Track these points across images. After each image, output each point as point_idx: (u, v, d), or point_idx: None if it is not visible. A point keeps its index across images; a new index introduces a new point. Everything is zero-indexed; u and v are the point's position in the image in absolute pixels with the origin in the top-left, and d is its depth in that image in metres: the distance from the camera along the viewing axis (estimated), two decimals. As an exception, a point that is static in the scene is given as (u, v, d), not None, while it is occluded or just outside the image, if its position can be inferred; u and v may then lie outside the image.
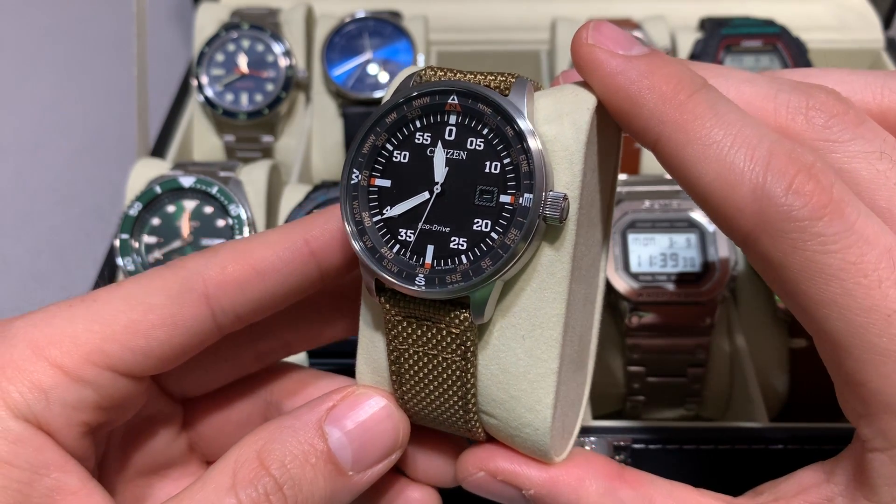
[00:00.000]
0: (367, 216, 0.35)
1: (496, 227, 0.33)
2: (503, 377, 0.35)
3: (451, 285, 0.33)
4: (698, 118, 0.31)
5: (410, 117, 0.34)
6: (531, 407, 0.35)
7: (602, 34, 0.33)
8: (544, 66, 0.92)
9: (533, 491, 0.36)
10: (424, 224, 0.34)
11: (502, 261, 0.32)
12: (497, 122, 0.33)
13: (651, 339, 0.64)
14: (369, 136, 0.35)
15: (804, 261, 0.30)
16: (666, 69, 0.32)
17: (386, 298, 0.35)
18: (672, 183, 0.69)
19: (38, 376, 0.33)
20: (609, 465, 0.36)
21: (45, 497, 0.32)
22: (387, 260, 0.34)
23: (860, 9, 0.96)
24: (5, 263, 0.93)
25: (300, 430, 0.34)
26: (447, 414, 0.36)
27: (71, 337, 0.34)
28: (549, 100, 0.34)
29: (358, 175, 0.35)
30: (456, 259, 0.33)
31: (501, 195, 0.33)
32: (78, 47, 1.19)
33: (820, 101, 0.33)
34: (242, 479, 0.33)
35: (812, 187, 0.30)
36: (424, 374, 0.35)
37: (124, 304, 0.35)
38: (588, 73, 0.34)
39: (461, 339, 0.34)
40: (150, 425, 0.41)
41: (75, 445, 0.34)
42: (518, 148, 0.33)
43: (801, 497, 0.33)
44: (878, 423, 0.30)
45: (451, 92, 0.34)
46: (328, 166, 0.88)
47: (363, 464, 0.35)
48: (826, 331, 0.30)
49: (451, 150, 0.34)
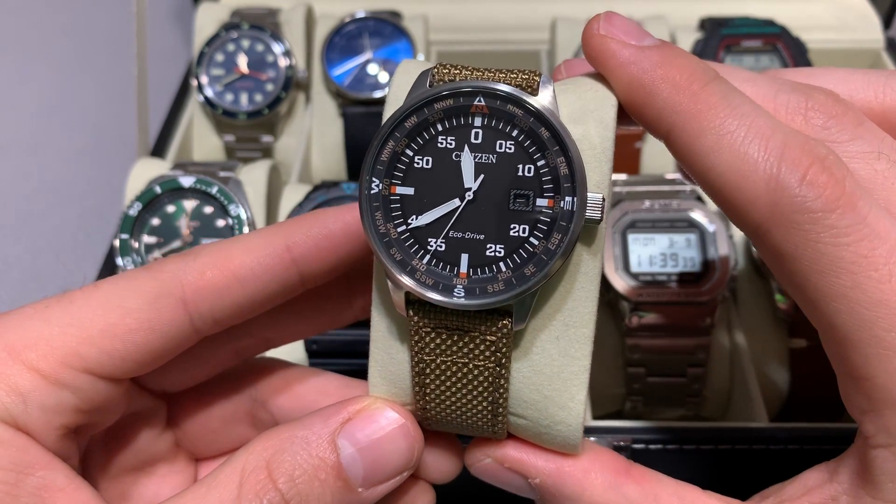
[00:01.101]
0: (391, 227, 0.33)
1: (535, 232, 0.32)
2: (536, 379, 0.34)
3: (496, 295, 0.32)
4: (712, 108, 0.31)
5: (432, 120, 0.33)
6: (564, 405, 0.34)
7: (614, 25, 0.33)
8: (544, 66, 0.92)
9: (539, 480, 0.36)
10: (455, 232, 0.33)
11: (549, 266, 0.31)
12: (530, 123, 0.32)
13: (651, 339, 0.64)
14: (388, 142, 0.33)
15: (815, 253, 0.30)
16: (679, 60, 0.32)
17: (415, 311, 0.33)
18: (672, 183, 0.69)
19: (15, 380, 0.32)
20: (617, 460, 0.36)
21: (33, 496, 0.32)
22: (419, 273, 0.33)
23: (860, 9, 0.96)
24: (5, 263, 0.93)
25: (313, 442, 0.34)
26: (474, 419, 0.35)
27: (47, 339, 0.33)
28: (571, 97, 0.34)
29: (378, 184, 0.33)
30: (494, 267, 0.32)
31: (538, 199, 0.32)
32: (78, 47, 1.19)
33: (819, 102, 0.33)
34: (248, 490, 0.32)
35: (826, 179, 0.30)
36: (452, 382, 0.34)
37: (101, 307, 0.34)
38: (600, 64, 0.34)
39: (497, 346, 0.33)
40: (131, 422, 0.41)
41: (56, 446, 0.34)
42: (555, 150, 0.32)
43: (806, 498, 0.33)
44: (882, 419, 0.30)
45: (477, 93, 0.32)
46: (328, 166, 0.88)
47: (373, 481, 0.35)
48: (834, 325, 0.30)
49: (478, 153, 0.32)
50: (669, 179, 0.70)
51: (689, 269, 0.65)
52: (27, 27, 1.22)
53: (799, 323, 0.66)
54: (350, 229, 0.38)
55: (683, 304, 0.64)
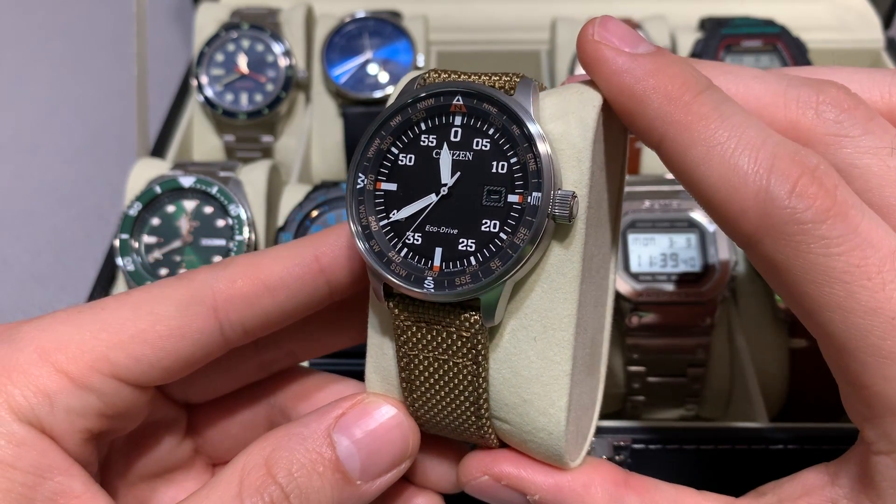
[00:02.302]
0: (373, 220, 0.34)
1: (505, 228, 0.33)
2: (515, 381, 0.34)
3: (461, 287, 0.32)
4: (703, 119, 0.31)
5: (415, 120, 0.34)
6: (544, 410, 0.34)
7: (608, 30, 0.33)
8: (544, 66, 0.92)
9: (538, 497, 0.35)
10: (431, 226, 0.34)
11: (512, 261, 0.32)
12: (503, 121, 0.33)
13: (651, 339, 0.64)
14: (374, 140, 0.34)
15: (807, 263, 0.29)
16: (672, 69, 0.32)
17: (395, 303, 0.34)
18: (672, 183, 0.69)
19: (44, 381, 0.33)
20: (615, 472, 0.36)
21: (48, 500, 0.32)
22: (395, 264, 0.34)
23: (860, 9, 0.96)
24: (5, 263, 0.93)
25: (308, 437, 0.34)
26: (459, 420, 0.35)
27: (78, 343, 0.34)
28: (555, 98, 0.34)
29: (364, 179, 0.34)
30: (465, 261, 0.33)
31: (509, 195, 0.33)
32: (78, 47, 1.19)
33: (831, 96, 0.33)
34: (249, 486, 0.33)
35: (815, 190, 0.29)
36: (435, 380, 0.35)
37: (132, 314, 0.35)
38: (593, 70, 0.33)
39: (472, 343, 0.33)
40: (153, 430, 0.41)
41: (78, 451, 0.34)
42: (525, 147, 0.32)
43: (805, 499, 0.33)
44: (883, 426, 0.30)
45: (456, 93, 0.33)
46: (328, 166, 0.88)
47: (371, 473, 0.35)
48: (830, 334, 0.30)
49: (456, 151, 0.34)
50: (669, 179, 0.70)
51: (689, 269, 0.65)
52: (27, 27, 1.22)
53: (799, 323, 0.66)
54: None
55: (683, 305, 0.64)
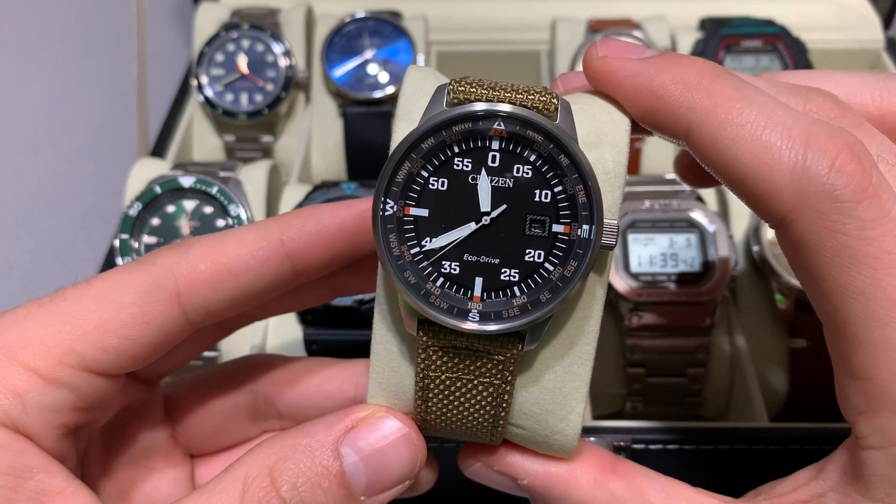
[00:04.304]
0: (406, 249, 0.32)
1: (550, 259, 0.32)
2: (539, 393, 0.35)
3: (511, 321, 0.32)
4: (728, 100, 0.31)
5: (449, 143, 0.32)
6: (563, 417, 0.35)
7: (610, 48, 0.34)
8: (544, 66, 0.92)
9: (527, 481, 0.36)
10: (470, 255, 0.32)
11: (565, 293, 0.32)
12: (549, 149, 0.32)
13: (651, 339, 0.64)
14: (404, 163, 0.32)
15: (839, 246, 0.29)
16: (684, 60, 0.33)
17: (425, 331, 0.33)
18: (672, 183, 0.69)
19: (13, 381, 0.32)
20: (603, 457, 0.36)
21: (31, 500, 0.32)
22: (434, 296, 0.32)
23: (860, 9, 0.96)
24: (5, 263, 0.92)
25: (316, 450, 0.33)
26: (472, 427, 0.35)
27: (43, 339, 0.33)
28: (585, 118, 0.34)
29: (393, 206, 0.32)
30: (508, 291, 0.32)
31: (554, 225, 0.32)
32: (78, 47, 1.19)
33: (817, 105, 0.33)
34: (251, 497, 0.32)
35: (854, 167, 0.29)
36: (456, 396, 0.34)
37: (95, 304, 0.34)
38: (607, 84, 0.34)
39: (505, 365, 0.33)
40: (127, 415, 0.41)
41: (56, 447, 0.34)
42: (574, 178, 0.31)
43: (793, 495, 0.33)
44: (878, 421, 0.30)
45: (497, 117, 0.31)
46: (328, 166, 0.88)
47: (376, 489, 0.34)
48: (846, 321, 0.30)
49: (496, 177, 0.32)
50: (669, 179, 0.70)
51: (689, 269, 0.65)
52: (27, 27, 1.22)
53: (799, 323, 0.66)
54: (345, 226, 0.37)
55: (683, 305, 0.64)
